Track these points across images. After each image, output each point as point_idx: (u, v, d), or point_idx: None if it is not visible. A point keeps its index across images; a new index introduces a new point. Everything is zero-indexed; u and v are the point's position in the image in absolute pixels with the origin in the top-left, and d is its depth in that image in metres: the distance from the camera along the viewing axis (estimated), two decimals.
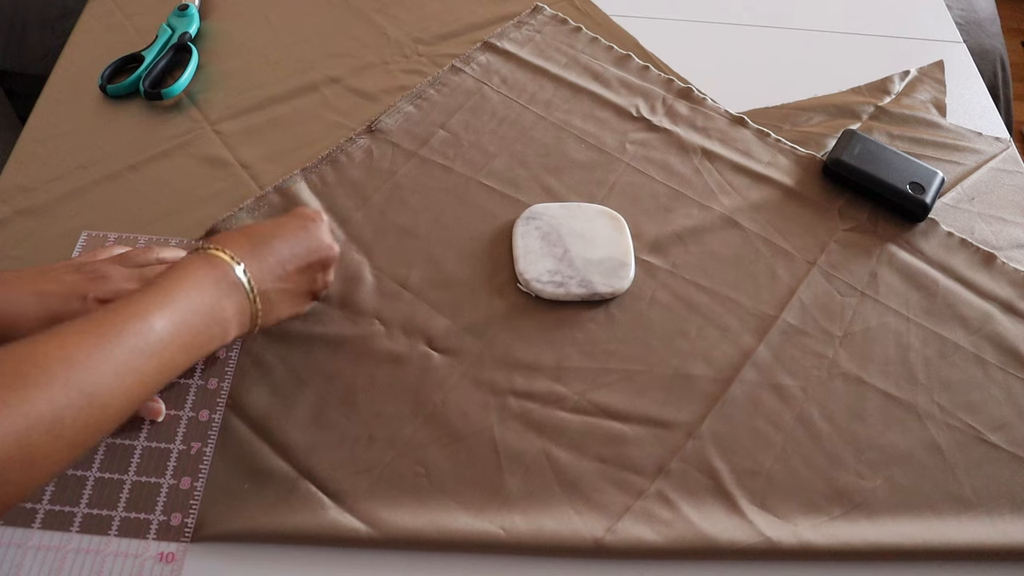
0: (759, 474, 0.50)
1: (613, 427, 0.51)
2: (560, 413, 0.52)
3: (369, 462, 0.49)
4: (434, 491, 0.48)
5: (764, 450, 0.51)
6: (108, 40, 0.72)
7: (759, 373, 0.54)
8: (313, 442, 0.49)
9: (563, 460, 0.50)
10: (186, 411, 0.50)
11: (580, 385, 0.53)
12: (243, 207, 0.60)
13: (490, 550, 0.47)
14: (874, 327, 0.57)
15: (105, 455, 0.48)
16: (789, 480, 0.50)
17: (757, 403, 0.53)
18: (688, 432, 0.51)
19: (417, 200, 0.62)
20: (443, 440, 0.50)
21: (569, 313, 0.56)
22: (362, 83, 0.71)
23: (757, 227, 0.63)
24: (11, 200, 0.60)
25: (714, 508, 0.48)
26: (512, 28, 0.76)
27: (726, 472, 0.50)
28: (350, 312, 0.55)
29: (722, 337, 0.56)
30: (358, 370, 0.53)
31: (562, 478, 0.49)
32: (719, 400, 0.53)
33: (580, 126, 0.68)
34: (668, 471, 0.49)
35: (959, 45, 0.80)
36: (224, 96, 0.69)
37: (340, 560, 0.46)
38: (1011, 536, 0.48)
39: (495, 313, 0.56)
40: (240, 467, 0.48)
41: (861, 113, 0.72)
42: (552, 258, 0.58)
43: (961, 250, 0.62)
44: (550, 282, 0.57)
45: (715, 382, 0.54)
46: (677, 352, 0.55)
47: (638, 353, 0.55)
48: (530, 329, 0.55)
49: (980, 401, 0.54)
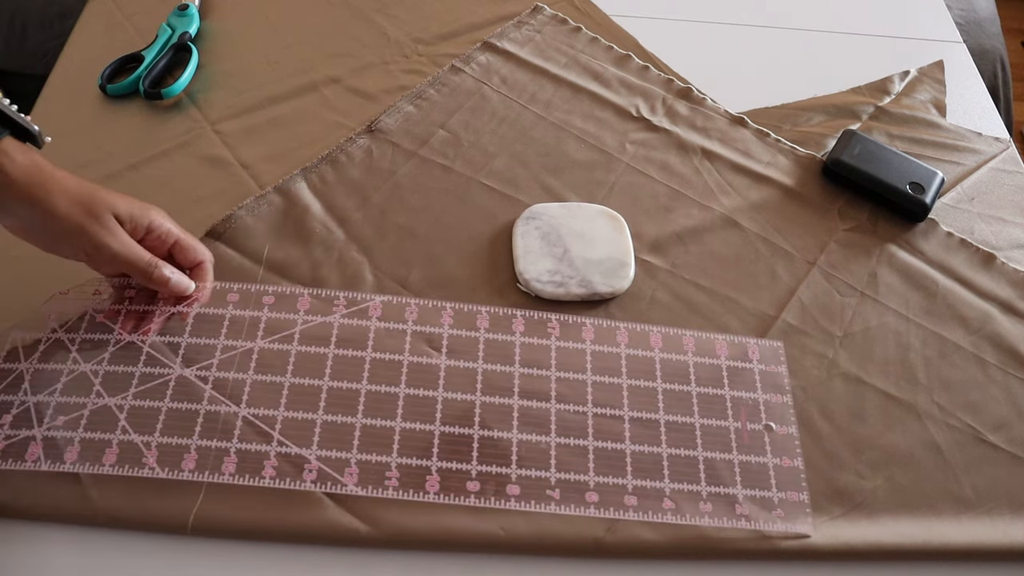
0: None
1: (614, 427, 0.51)
2: (560, 412, 0.52)
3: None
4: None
5: None
6: (108, 40, 0.72)
7: None
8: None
9: (563, 459, 0.50)
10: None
11: (580, 385, 0.53)
12: (243, 207, 0.60)
13: (490, 550, 0.47)
14: (874, 327, 0.57)
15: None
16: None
17: None
18: (690, 432, 0.51)
19: (417, 200, 0.62)
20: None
21: (569, 313, 0.56)
22: (362, 83, 0.71)
23: (757, 227, 0.63)
24: None
25: (714, 508, 0.48)
26: (512, 28, 0.76)
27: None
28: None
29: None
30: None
31: (562, 477, 0.49)
32: None
33: (580, 126, 0.68)
34: (668, 471, 0.49)
35: (959, 45, 0.80)
36: (224, 96, 0.69)
37: (340, 560, 0.46)
38: (1011, 536, 0.48)
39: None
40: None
41: (861, 113, 0.72)
42: (552, 258, 0.58)
43: (961, 250, 0.62)
44: (550, 282, 0.57)
45: None
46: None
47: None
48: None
49: (980, 401, 0.54)
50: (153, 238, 0.50)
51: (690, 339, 0.55)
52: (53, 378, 0.50)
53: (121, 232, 0.48)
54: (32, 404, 0.49)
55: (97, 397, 0.49)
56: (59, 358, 0.51)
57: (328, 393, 0.50)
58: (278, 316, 0.53)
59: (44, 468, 0.46)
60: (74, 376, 0.50)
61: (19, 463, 0.46)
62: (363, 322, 0.53)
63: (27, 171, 0.46)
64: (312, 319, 0.53)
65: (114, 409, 0.48)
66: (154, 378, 0.50)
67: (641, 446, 0.50)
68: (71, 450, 0.47)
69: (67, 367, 0.50)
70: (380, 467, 0.47)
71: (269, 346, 0.52)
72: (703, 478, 0.49)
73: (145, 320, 0.52)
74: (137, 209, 0.49)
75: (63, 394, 0.49)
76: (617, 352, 0.54)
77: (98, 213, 0.47)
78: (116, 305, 0.53)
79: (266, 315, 0.53)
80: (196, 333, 0.52)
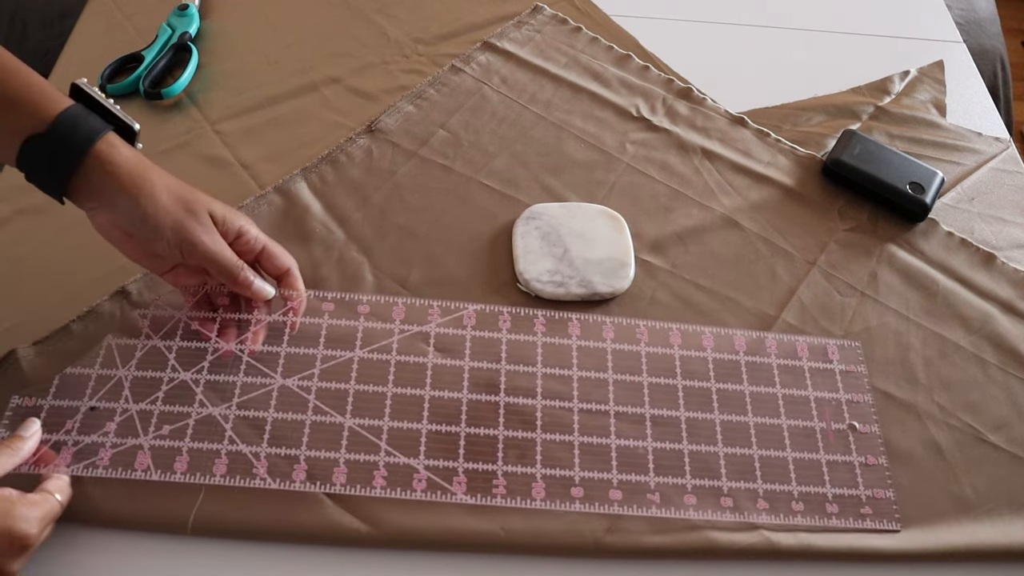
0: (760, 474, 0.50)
1: (615, 426, 0.51)
2: (560, 412, 0.52)
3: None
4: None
5: None
6: (108, 40, 0.72)
7: None
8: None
9: (563, 459, 0.50)
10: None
11: (581, 385, 0.53)
12: (243, 207, 0.60)
13: (490, 550, 0.47)
14: (874, 327, 0.57)
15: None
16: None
17: None
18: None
19: (417, 200, 0.62)
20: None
21: (569, 313, 0.56)
22: (362, 83, 0.71)
23: (757, 227, 0.63)
24: (11, 200, 0.60)
25: (715, 508, 0.48)
26: (512, 28, 0.76)
27: (727, 471, 0.50)
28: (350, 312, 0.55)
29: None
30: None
31: (562, 477, 0.49)
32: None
33: (580, 126, 0.68)
34: (669, 471, 0.49)
35: (959, 45, 0.80)
36: (224, 96, 0.69)
37: (340, 560, 0.46)
38: (1011, 536, 0.48)
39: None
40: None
41: (861, 113, 0.72)
42: (552, 258, 0.58)
43: (961, 250, 0.62)
44: (550, 282, 0.57)
45: None
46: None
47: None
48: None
49: (980, 401, 0.54)
50: (242, 243, 0.50)
51: (773, 342, 0.55)
52: (154, 386, 0.50)
53: (215, 231, 0.48)
54: (135, 412, 0.48)
55: (200, 407, 0.49)
56: (158, 365, 0.50)
57: (429, 403, 0.51)
58: (375, 326, 0.53)
59: (154, 478, 0.46)
60: (175, 384, 0.50)
61: (129, 472, 0.46)
62: (459, 331, 0.54)
63: (134, 164, 0.46)
64: (408, 328, 0.53)
65: (219, 419, 0.49)
66: (256, 388, 0.50)
67: (733, 448, 0.51)
68: (180, 460, 0.47)
69: (167, 375, 0.50)
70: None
71: (368, 356, 0.52)
72: (794, 479, 0.49)
73: (240, 328, 0.52)
74: (230, 213, 0.49)
75: (165, 402, 0.49)
76: (704, 356, 0.54)
77: (197, 210, 0.47)
78: (210, 313, 0.53)
79: (363, 324, 0.53)
80: (295, 343, 0.52)
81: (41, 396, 0.49)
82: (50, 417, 0.48)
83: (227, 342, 0.51)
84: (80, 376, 0.50)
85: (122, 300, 0.54)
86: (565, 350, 0.54)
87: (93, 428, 0.48)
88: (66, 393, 0.49)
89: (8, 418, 0.48)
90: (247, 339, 0.51)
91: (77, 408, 0.49)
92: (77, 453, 0.47)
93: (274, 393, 0.50)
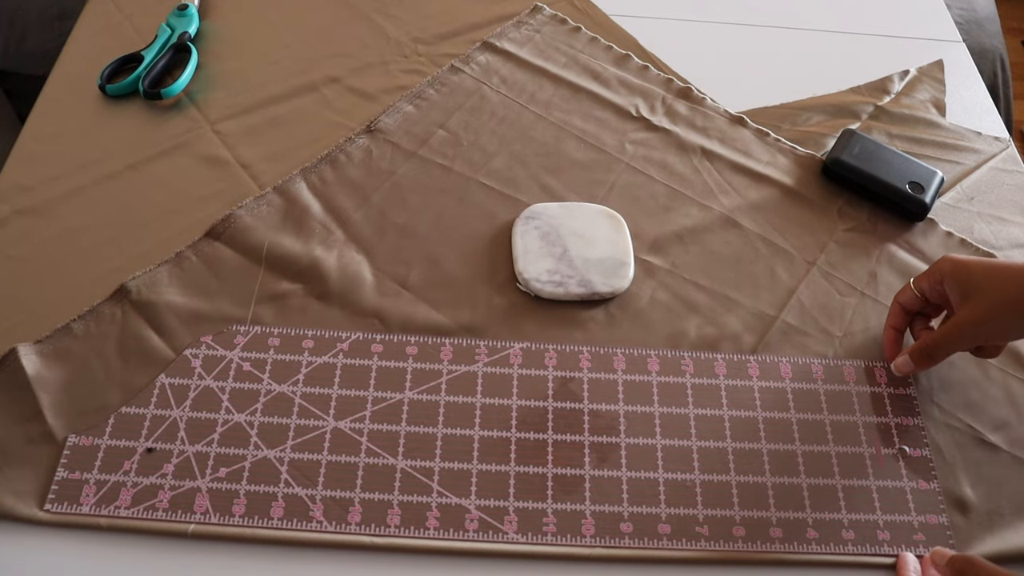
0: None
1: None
2: (560, 411, 0.52)
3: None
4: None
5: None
6: (107, 40, 0.72)
7: None
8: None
9: (563, 459, 0.50)
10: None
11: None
12: (242, 206, 0.60)
13: (490, 550, 0.47)
14: (874, 327, 0.57)
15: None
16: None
17: None
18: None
19: (417, 200, 0.62)
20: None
21: (568, 313, 0.56)
22: (362, 83, 0.71)
23: (756, 227, 0.63)
24: (11, 200, 0.60)
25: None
26: (511, 28, 0.76)
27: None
28: (350, 312, 0.55)
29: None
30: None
31: (561, 477, 0.49)
32: None
33: (580, 126, 0.68)
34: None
35: (959, 45, 0.80)
36: (224, 96, 0.69)
37: (340, 560, 0.46)
38: (1010, 538, 0.48)
39: (495, 312, 0.56)
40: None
41: (860, 113, 0.72)
42: (551, 258, 0.58)
43: (960, 250, 0.62)
44: (549, 281, 0.57)
45: None
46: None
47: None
48: (530, 329, 0.55)
49: (980, 401, 0.54)
50: None
51: (819, 366, 0.55)
52: (209, 427, 0.49)
53: None
54: (192, 453, 0.48)
55: (256, 449, 0.49)
56: (212, 407, 0.50)
57: (479, 443, 0.50)
58: (423, 367, 0.53)
59: (213, 521, 0.46)
60: (229, 426, 0.50)
61: (188, 515, 0.46)
62: (506, 370, 0.54)
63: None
64: (456, 369, 0.53)
65: (274, 461, 0.48)
66: (309, 430, 0.50)
67: (780, 478, 0.50)
68: (238, 503, 0.47)
69: (221, 416, 0.50)
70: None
71: (417, 397, 0.52)
72: (843, 506, 0.49)
73: (292, 370, 0.52)
74: None
75: (221, 444, 0.49)
76: (750, 384, 0.54)
77: None
78: (261, 354, 0.53)
79: (411, 365, 0.53)
80: (346, 385, 0.52)
81: (98, 436, 0.49)
82: (107, 457, 0.48)
83: (279, 383, 0.51)
84: (135, 416, 0.50)
85: (122, 299, 0.54)
86: (611, 385, 0.53)
87: (151, 470, 0.48)
88: (122, 433, 0.49)
89: (67, 457, 0.48)
90: (298, 381, 0.51)
91: (134, 449, 0.48)
92: (137, 495, 0.46)
93: (327, 435, 0.50)
